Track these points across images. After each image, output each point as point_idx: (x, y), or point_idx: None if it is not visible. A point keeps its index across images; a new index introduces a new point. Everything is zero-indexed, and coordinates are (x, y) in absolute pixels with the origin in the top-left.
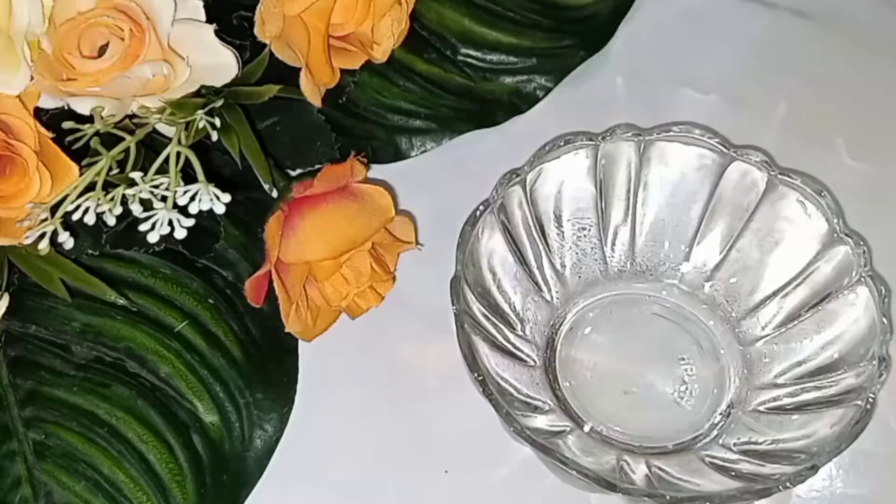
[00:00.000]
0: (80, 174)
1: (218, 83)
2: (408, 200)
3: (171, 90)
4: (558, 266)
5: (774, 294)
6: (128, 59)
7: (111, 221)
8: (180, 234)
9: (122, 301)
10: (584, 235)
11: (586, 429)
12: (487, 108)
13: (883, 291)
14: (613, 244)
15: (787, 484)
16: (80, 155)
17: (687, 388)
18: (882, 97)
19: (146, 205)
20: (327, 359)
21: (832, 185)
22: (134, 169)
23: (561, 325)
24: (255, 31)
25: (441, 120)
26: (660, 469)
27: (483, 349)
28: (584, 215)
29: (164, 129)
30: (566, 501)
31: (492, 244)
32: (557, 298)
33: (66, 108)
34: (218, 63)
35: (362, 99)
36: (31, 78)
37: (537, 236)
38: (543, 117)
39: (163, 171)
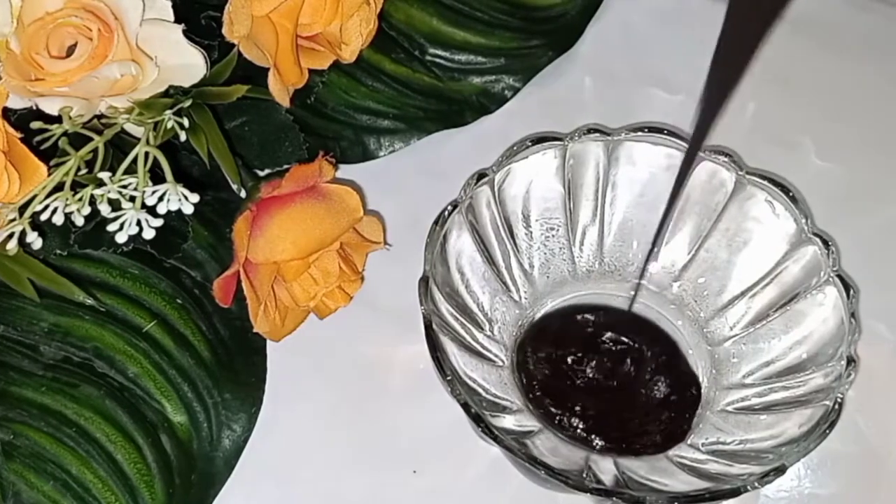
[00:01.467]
0: (49, 174)
1: (186, 83)
2: (376, 200)
3: (139, 90)
4: (526, 266)
5: (743, 294)
6: (96, 59)
7: (79, 221)
8: (149, 234)
9: (90, 301)
10: (553, 235)
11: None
12: (456, 108)
13: (851, 291)
14: (582, 244)
15: (756, 484)
16: (49, 155)
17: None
18: (850, 98)
19: (114, 205)
20: (295, 359)
21: (800, 185)
22: (102, 169)
23: (529, 325)
24: (224, 31)
25: (409, 120)
26: (628, 469)
27: (451, 349)
28: (552, 215)
29: (132, 129)
30: (534, 501)
31: (460, 244)
32: (526, 298)
33: (34, 108)
34: (186, 63)
35: (330, 99)
36: (0, 78)
37: (505, 236)
38: (512, 117)
39: (131, 171)
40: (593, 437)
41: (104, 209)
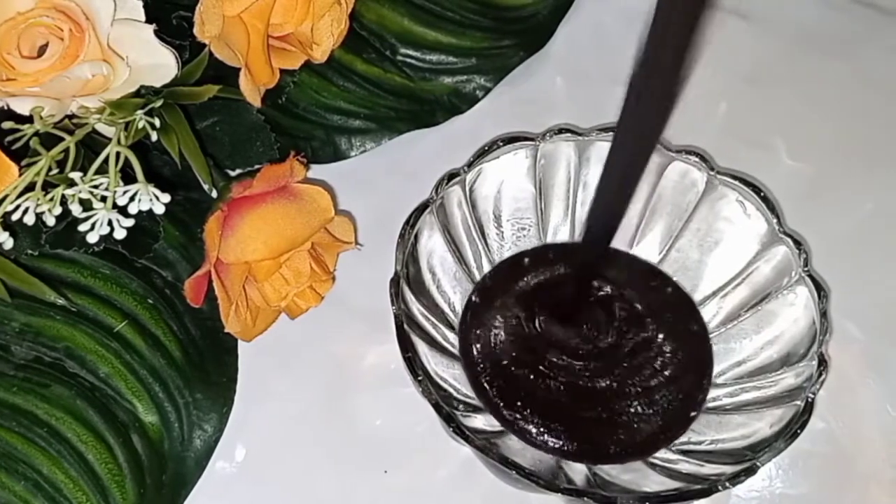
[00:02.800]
0: (20, 174)
1: (157, 83)
2: (347, 200)
3: (110, 90)
4: None
5: (714, 294)
6: (67, 59)
7: (51, 221)
8: (120, 234)
9: (61, 301)
10: (524, 235)
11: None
12: (427, 108)
13: (822, 291)
14: None
15: (727, 484)
16: (20, 155)
17: None
18: (821, 98)
19: (86, 205)
20: (267, 359)
21: (771, 185)
22: (73, 169)
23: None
24: (195, 31)
25: (380, 120)
26: (599, 469)
27: (422, 349)
28: (523, 215)
29: (103, 129)
30: (506, 501)
31: (431, 244)
32: None
33: (5, 108)
34: (157, 63)
35: (302, 99)
36: None
37: (477, 236)
38: (483, 117)
39: (102, 171)
40: (564, 445)
41: (75, 209)
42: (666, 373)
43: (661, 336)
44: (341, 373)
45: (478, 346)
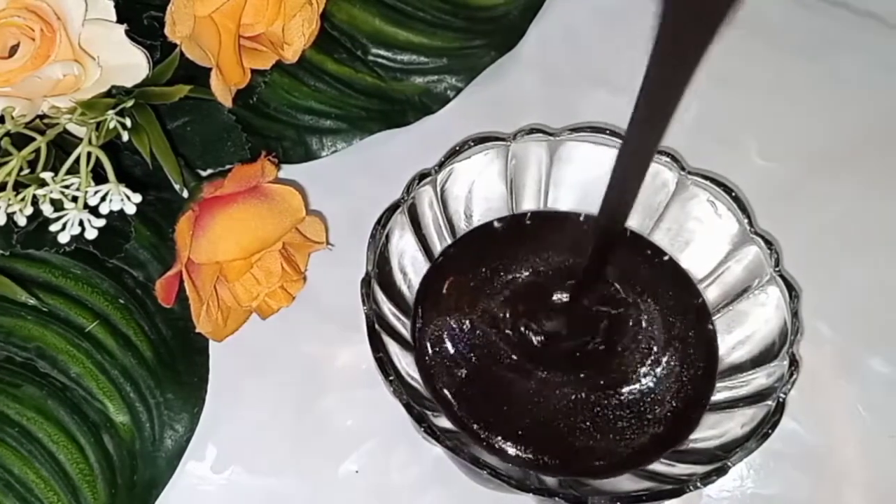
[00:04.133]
0: None
1: (129, 83)
2: (318, 200)
3: (81, 90)
4: None
5: None
6: (38, 60)
7: (22, 221)
8: (91, 234)
9: (32, 301)
10: None
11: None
12: (398, 108)
13: (793, 292)
14: None
15: (698, 484)
16: None
17: None
18: (792, 97)
19: (57, 205)
20: (238, 359)
21: (743, 184)
22: (45, 169)
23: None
24: (166, 31)
25: (352, 120)
26: None
27: (394, 349)
28: (494, 215)
29: (74, 129)
30: (477, 501)
31: (402, 244)
32: None
33: None
34: (129, 63)
35: (273, 99)
36: None
37: (448, 236)
38: (454, 118)
39: (74, 171)
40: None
41: (46, 209)
42: (659, 385)
43: (653, 341)
44: (312, 373)
45: (434, 346)
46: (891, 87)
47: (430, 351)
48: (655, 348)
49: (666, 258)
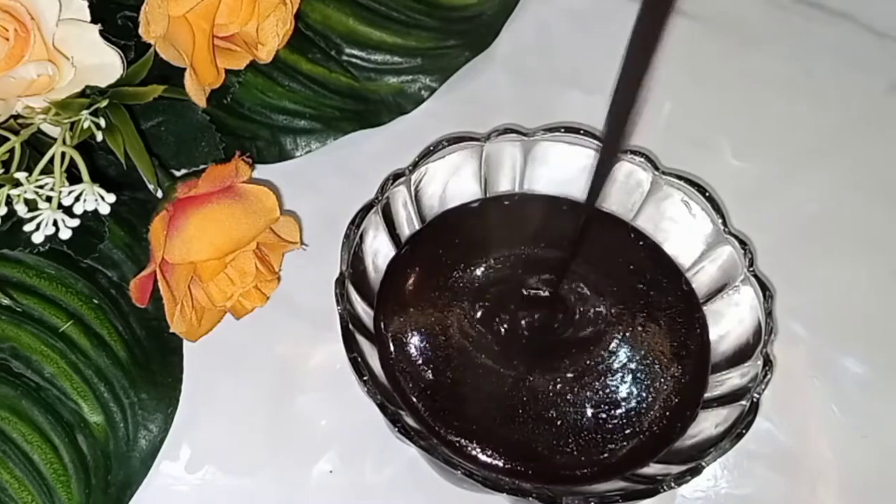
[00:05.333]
0: None
1: (103, 83)
2: (293, 200)
3: (56, 90)
4: None
5: None
6: (12, 60)
7: None
8: (65, 234)
9: (6, 301)
10: None
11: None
12: (372, 108)
13: (767, 291)
14: None
15: (672, 484)
16: None
17: None
18: (766, 97)
19: (31, 205)
20: (212, 359)
21: (717, 184)
22: (19, 169)
23: None
24: (140, 31)
25: (326, 120)
26: None
27: (368, 349)
28: None
29: (49, 129)
30: (451, 501)
31: (377, 244)
32: None
33: None
34: (103, 63)
35: (247, 99)
36: None
37: None
38: (428, 118)
39: (48, 171)
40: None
41: (20, 209)
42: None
43: (638, 335)
44: (287, 373)
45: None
46: (864, 88)
47: (392, 351)
48: (641, 343)
49: (650, 243)
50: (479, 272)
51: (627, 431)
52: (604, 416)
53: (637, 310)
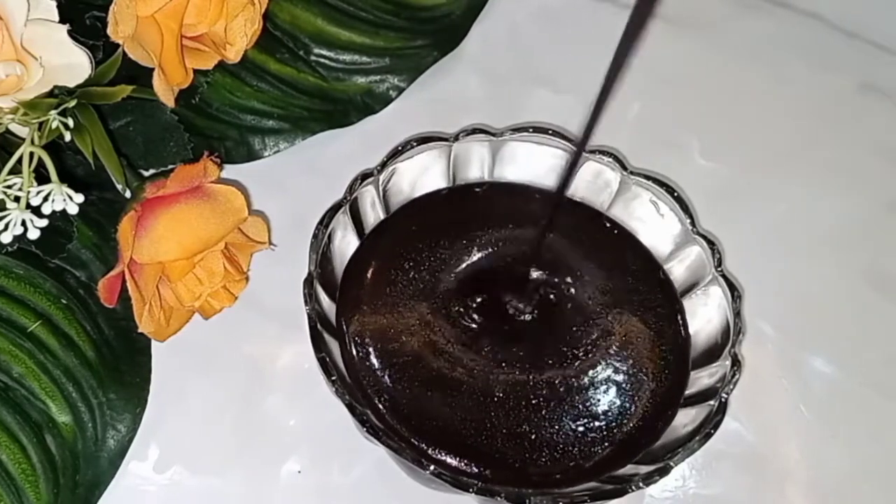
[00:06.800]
0: None
1: (71, 83)
2: (261, 201)
3: (24, 90)
4: None
5: None
6: None
7: None
8: (33, 234)
9: None
10: None
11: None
12: (340, 108)
13: (735, 292)
14: None
15: (641, 484)
16: None
17: None
18: (735, 98)
19: None
20: (180, 359)
21: (685, 185)
22: None
23: None
24: (109, 31)
25: (294, 120)
26: None
27: (336, 349)
28: None
29: (17, 129)
30: (419, 501)
31: (344, 244)
32: None
33: None
34: (71, 63)
35: (215, 99)
36: None
37: None
38: (396, 118)
39: (16, 171)
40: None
41: None
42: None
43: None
44: (255, 373)
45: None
46: (832, 88)
47: (354, 349)
48: (616, 340)
49: (625, 233)
50: (441, 265)
51: (604, 433)
52: (579, 415)
53: (611, 303)
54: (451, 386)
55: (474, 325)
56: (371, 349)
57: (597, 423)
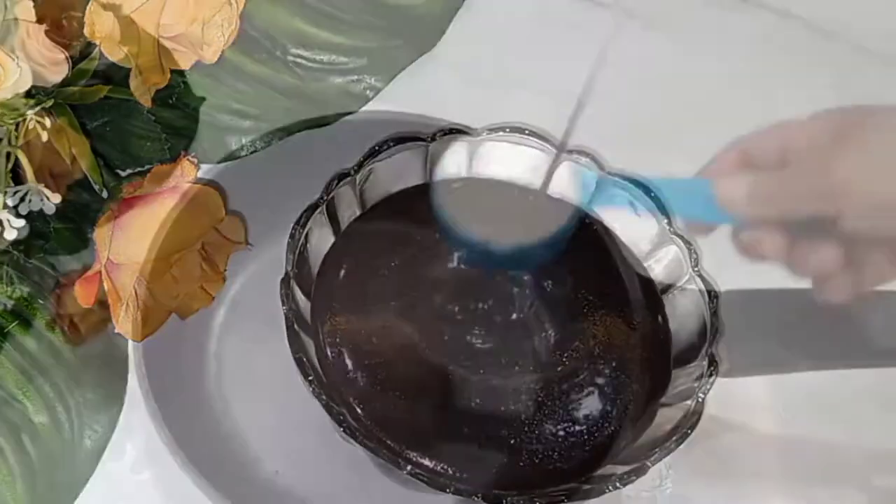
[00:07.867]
0: None
1: (48, 83)
2: (238, 201)
3: (1, 90)
4: None
5: None
6: None
7: None
8: (10, 234)
9: None
10: None
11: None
12: (317, 108)
13: (713, 291)
14: None
15: (618, 484)
16: None
17: None
18: (712, 96)
19: None
20: (157, 359)
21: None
22: None
23: None
24: (86, 31)
25: (271, 120)
26: None
27: (313, 349)
28: None
29: None
30: (396, 502)
31: (322, 244)
32: None
33: None
34: (48, 63)
35: (192, 99)
36: None
37: None
38: (373, 117)
39: None
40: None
41: None
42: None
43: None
44: (232, 372)
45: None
46: (811, 86)
47: (328, 350)
48: (593, 339)
49: (604, 232)
50: (416, 265)
51: (583, 435)
52: (558, 418)
53: (590, 303)
54: (427, 386)
55: (450, 326)
56: (345, 350)
57: (576, 427)
